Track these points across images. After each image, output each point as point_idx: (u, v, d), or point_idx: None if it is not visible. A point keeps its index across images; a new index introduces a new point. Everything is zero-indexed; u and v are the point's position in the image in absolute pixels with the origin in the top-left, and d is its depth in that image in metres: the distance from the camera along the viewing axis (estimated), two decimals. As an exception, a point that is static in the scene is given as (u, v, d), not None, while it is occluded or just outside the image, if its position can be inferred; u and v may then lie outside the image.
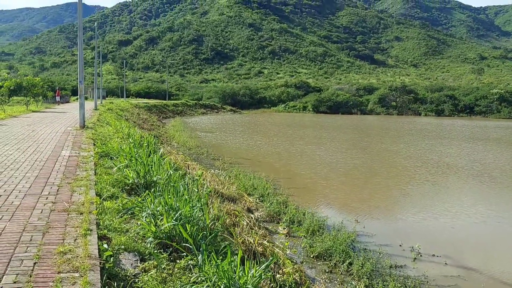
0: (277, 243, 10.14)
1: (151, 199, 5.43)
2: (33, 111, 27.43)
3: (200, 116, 67.68)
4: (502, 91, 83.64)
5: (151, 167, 7.27)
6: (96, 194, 5.96)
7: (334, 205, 14.38)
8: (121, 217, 5.21)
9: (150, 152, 11.99)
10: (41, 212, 5.19)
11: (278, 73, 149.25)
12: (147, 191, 6.12)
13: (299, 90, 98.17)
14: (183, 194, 5.58)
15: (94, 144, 11.32)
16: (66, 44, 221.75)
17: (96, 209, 5.19)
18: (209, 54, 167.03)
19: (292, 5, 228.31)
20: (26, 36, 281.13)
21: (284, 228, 11.43)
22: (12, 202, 5.66)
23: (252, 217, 11.79)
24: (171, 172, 7.18)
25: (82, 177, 6.99)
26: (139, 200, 5.73)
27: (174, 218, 4.77)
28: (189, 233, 4.68)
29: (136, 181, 6.80)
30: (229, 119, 63.43)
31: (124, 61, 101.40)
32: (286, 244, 8.67)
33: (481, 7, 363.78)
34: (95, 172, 7.51)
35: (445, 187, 17.66)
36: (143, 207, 5.34)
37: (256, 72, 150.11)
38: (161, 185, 6.63)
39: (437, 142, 34.57)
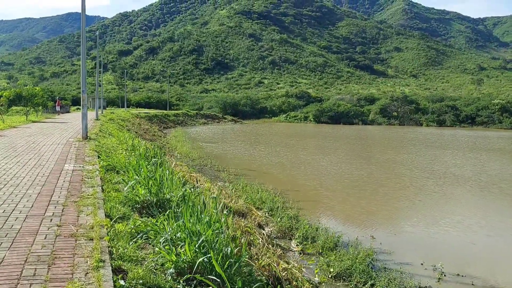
0: (291, 261, 9.63)
1: (168, 222, 4.83)
2: (33, 122, 26.87)
3: (201, 126, 67.22)
4: (503, 101, 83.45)
5: (163, 183, 6.68)
6: (105, 214, 5.37)
7: (344, 219, 13.93)
8: (135, 242, 4.60)
9: (157, 165, 11.41)
10: (45, 238, 4.56)
11: (278, 83, 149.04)
12: (162, 211, 5.55)
13: (300, 100, 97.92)
14: (202, 215, 5.00)
15: (98, 157, 10.71)
16: (66, 54, 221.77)
17: (107, 234, 4.58)
18: (210, 64, 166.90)
19: (292, 15, 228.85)
20: (26, 46, 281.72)
21: (297, 245, 10.89)
22: (12, 225, 5.02)
23: (264, 234, 11.24)
24: (186, 189, 6.58)
25: (88, 195, 6.39)
26: (154, 221, 5.14)
27: (196, 246, 4.18)
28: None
29: (147, 198, 6.21)
30: (230, 129, 63.00)
31: (125, 71, 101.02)
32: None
33: (479, 18, 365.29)
34: (102, 188, 6.91)
35: (454, 198, 17.35)
36: (160, 231, 4.74)
37: (256, 82, 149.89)
38: (175, 203, 6.07)
39: (441, 153, 34.45)
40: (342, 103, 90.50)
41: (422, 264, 9.87)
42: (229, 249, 4.36)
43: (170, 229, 4.63)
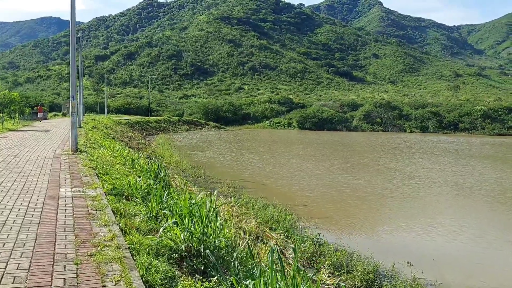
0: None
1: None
2: (10, 130, 24.56)
3: (184, 133, 65.23)
4: (485, 108, 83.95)
5: (208, 223, 4.91)
6: (142, 279, 3.61)
7: (364, 238, 12.73)
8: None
9: (164, 185, 9.69)
10: None
11: (258, 89, 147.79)
12: (210, 263, 3.87)
13: (283, 106, 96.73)
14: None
15: (97, 176, 8.86)
16: (41, 59, 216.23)
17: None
18: (189, 69, 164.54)
19: (271, 21, 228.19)
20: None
21: (329, 276, 9.30)
22: (5, 311, 3.13)
23: (292, 264, 9.65)
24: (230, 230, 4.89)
25: (105, 240, 4.59)
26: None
27: None
28: None
29: (189, 245, 4.49)
30: (214, 136, 61.30)
31: (105, 76, 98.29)
32: None
33: (454, 26, 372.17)
34: (120, 228, 5.12)
35: (466, 211, 16.51)
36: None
37: (236, 88, 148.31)
38: (224, 252, 4.40)
39: (435, 160, 33.99)
40: (325, 109, 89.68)
41: (481, 300, 8.54)
42: None
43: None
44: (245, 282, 3.47)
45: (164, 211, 5.24)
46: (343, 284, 8.15)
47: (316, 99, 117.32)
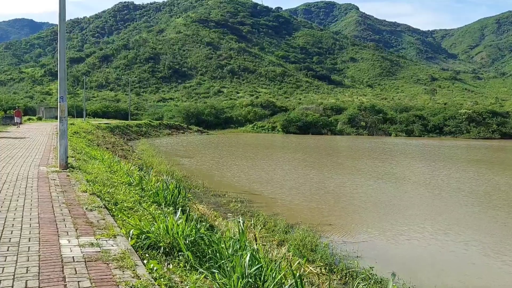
0: None
1: None
2: (-20, 137, 21.77)
3: (167, 138, 62.54)
4: (470, 111, 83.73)
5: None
6: None
7: (415, 268, 10.51)
8: None
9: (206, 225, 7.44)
10: None
11: (238, 92, 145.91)
12: None
13: (265, 109, 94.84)
14: None
15: (106, 209, 6.27)
16: (13, 61, 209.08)
17: None
18: (166, 72, 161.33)
19: (249, 25, 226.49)
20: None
21: None
22: None
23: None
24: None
25: None
26: None
27: None
28: None
29: None
30: (199, 140, 58.91)
31: (82, 79, 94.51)
32: None
33: (428, 30, 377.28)
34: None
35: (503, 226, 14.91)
36: None
37: (215, 91, 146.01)
38: None
39: (437, 166, 32.83)
40: (310, 113, 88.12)
41: None
42: None
43: None
44: None
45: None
46: None
47: (296, 103, 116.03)
